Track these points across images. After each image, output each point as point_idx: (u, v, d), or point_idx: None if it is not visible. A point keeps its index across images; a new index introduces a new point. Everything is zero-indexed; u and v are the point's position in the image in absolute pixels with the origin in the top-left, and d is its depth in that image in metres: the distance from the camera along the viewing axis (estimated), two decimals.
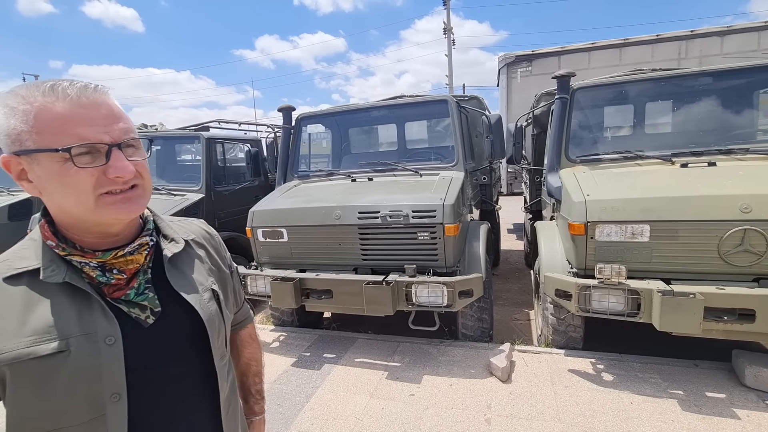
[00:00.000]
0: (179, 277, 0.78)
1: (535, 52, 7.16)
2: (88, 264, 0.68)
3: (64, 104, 0.62)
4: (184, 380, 0.76)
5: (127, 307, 0.70)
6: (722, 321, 2.33)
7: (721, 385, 2.57)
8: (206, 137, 4.78)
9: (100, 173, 0.64)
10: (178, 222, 0.89)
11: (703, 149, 3.02)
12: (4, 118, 0.62)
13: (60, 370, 0.62)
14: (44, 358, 0.61)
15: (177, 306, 0.76)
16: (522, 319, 4.19)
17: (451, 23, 18.72)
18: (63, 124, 0.62)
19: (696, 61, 6.36)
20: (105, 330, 0.66)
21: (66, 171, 0.62)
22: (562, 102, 3.38)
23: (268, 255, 3.46)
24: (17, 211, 5.08)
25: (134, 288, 0.71)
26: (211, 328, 0.78)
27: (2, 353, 0.60)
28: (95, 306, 0.67)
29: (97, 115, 0.64)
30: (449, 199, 2.99)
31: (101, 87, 0.67)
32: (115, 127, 0.66)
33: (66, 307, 0.65)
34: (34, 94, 0.62)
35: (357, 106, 4.40)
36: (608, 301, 2.53)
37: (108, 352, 0.65)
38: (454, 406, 2.55)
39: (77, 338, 0.64)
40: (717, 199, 2.43)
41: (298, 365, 3.17)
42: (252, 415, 1.04)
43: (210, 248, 0.90)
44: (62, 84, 0.63)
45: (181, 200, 4.36)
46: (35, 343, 0.61)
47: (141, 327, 0.71)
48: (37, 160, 0.63)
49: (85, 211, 0.65)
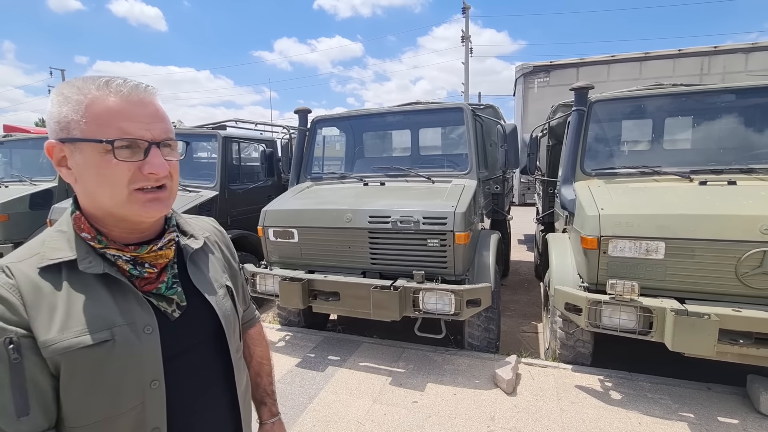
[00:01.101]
0: (198, 273, 0.82)
1: (554, 63, 7.12)
2: (122, 257, 0.70)
3: (115, 99, 0.65)
4: (206, 372, 0.79)
5: (156, 300, 0.73)
6: (738, 344, 2.26)
7: (735, 410, 2.49)
8: (223, 136, 4.86)
9: (136, 168, 0.67)
10: (193, 220, 0.92)
11: (723, 167, 2.95)
12: (57, 105, 0.65)
13: (107, 359, 0.64)
14: (92, 348, 0.63)
15: (197, 301, 0.79)
16: (529, 332, 4.13)
17: (470, 31, 18.72)
18: (110, 117, 0.65)
19: (719, 77, 6.23)
20: (143, 319, 0.69)
21: (106, 162, 0.65)
22: (579, 114, 3.35)
23: (278, 255, 3.49)
24: (38, 200, 5.24)
25: (164, 282, 0.74)
26: (227, 323, 0.81)
27: (54, 344, 0.62)
28: (130, 297, 0.69)
29: (143, 113, 0.67)
30: (461, 207, 2.98)
31: (151, 88, 0.70)
32: (157, 127, 0.69)
33: (105, 298, 0.67)
34: (89, 87, 0.65)
35: (372, 110, 4.43)
36: (619, 317, 2.48)
37: (148, 341, 0.68)
38: (457, 416, 2.52)
39: (121, 327, 0.66)
40: (736, 218, 2.37)
41: (303, 366, 3.18)
42: (271, 416, 1.04)
43: (222, 245, 0.94)
44: (117, 81, 0.67)
45: (195, 197, 4.43)
46: (83, 333, 0.63)
47: (168, 320, 0.74)
48: (80, 148, 0.65)
49: (116, 204, 0.67)
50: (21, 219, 5.06)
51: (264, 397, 1.05)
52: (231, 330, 0.82)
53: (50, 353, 0.61)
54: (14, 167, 6.17)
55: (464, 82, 19.20)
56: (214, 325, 0.80)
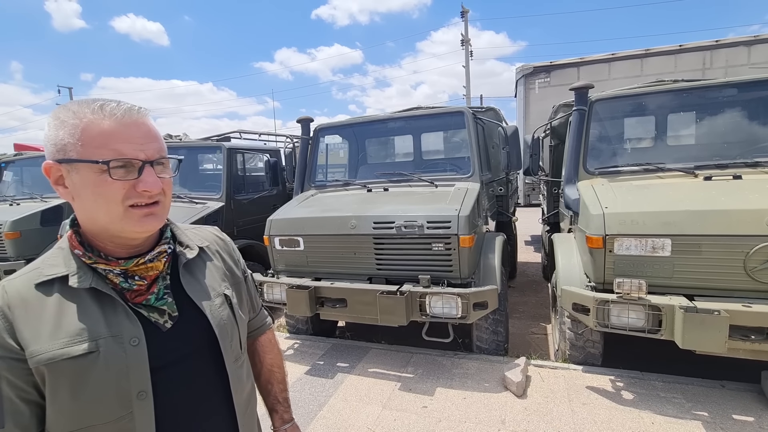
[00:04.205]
0: (193, 282, 0.83)
1: (554, 63, 7.12)
2: (112, 271, 0.73)
3: (109, 122, 0.69)
4: (202, 382, 0.80)
5: (147, 311, 0.75)
6: (749, 340, 2.24)
7: (750, 407, 2.45)
8: (228, 147, 4.92)
9: (130, 186, 0.70)
10: (192, 230, 0.94)
11: (728, 162, 2.93)
12: (54, 129, 0.69)
13: (91, 370, 0.67)
14: (77, 359, 0.66)
15: (192, 311, 0.80)
16: (538, 333, 4.11)
17: (469, 34, 18.80)
18: (106, 139, 0.68)
19: (721, 71, 6.19)
20: (130, 332, 0.71)
21: (102, 181, 0.68)
22: (580, 114, 3.35)
23: (284, 263, 3.52)
24: (49, 216, 5.33)
25: (154, 293, 0.76)
26: (222, 332, 0.82)
27: (39, 354, 0.65)
28: (119, 310, 0.72)
29: (137, 134, 0.71)
30: (464, 211, 2.98)
31: (143, 109, 0.74)
32: (150, 147, 0.72)
33: (94, 311, 0.71)
34: (84, 111, 0.69)
35: (374, 117, 4.47)
36: (628, 316, 2.46)
37: (133, 352, 0.70)
38: (468, 420, 2.51)
39: (105, 339, 0.69)
40: (743, 213, 2.35)
41: (312, 373, 3.19)
42: (283, 423, 1.04)
43: (224, 254, 0.95)
44: (110, 104, 0.71)
45: (202, 208, 4.48)
46: (68, 345, 0.67)
47: (160, 330, 0.75)
48: (76, 168, 0.69)
49: (111, 220, 0.71)
50: (32, 235, 5.15)
51: (275, 404, 1.05)
52: (227, 339, 0.83)
53: (35, 363, 0.65)
54: (25, 185, 6.30)
55: (465, 86, 19.25)
56: (209, 335, 0.81)
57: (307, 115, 4.37)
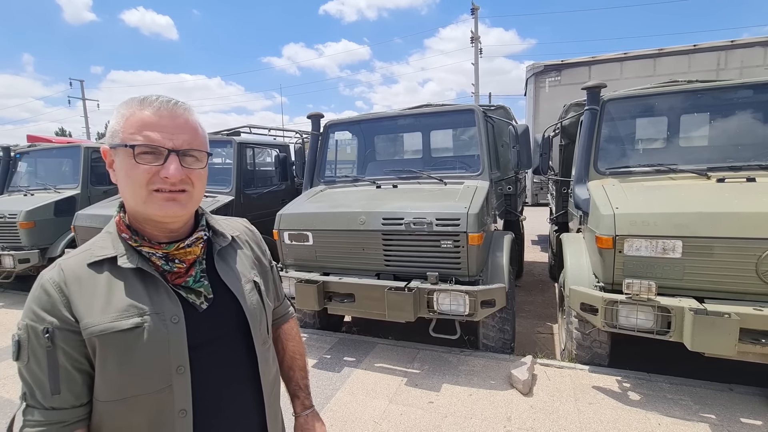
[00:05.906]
0: (226, 268, 0.88)
1: (565, 62, 7.06)
2: (155, 254, 0.79)
3: (147, 112, 0.75)
4: (232, 363, 0.85)
5: (185, 292, 0.80)
6: (760, 344, 2.22)
7: (758, 411, 2.44)
8: (238, 142, 4.96)
9: (155, 172, 0.74)
10: (224, 220, 0.99)
11: (741, 164, 2.91)
12: (113, 119, 0.78)
13: (136, 343, 0.73)
14: (125, 332, 0.72)
15: (226, 295, 0.85)
16: (545, 333, 4.11)
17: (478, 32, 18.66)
18: (140, 127, 0.74)
19: (736, 72, 6.10)
20: (171, 310, 0.77)
21: (131, 164, 0.74)
22: (592, 113, 3.33)
23: (293, 257, 3.55)
24: (62, 207, 5.42)
25: (192, 276, 0.82)
26: (252, 316, 0.87)
27: (92, 326, 0.71)
28: (161, 290, 0.78)
29: (169, 124, 0.76)
30: (473, 208, 2.99)
31: (182, 103, 0.79)
32: (180, 137, 0.76)
33: (139, 289, 0.76)
34: (133, 103, 0.77)
35: (383, 114, 4.47)
36: (636, 317, 2.46)
37: (174, 329, 0.76)
38: (474, 416, 2.53)
39: (150, 316, 0.75)
40: (756, 216, 2.33)
41: (319, 367, 3.22)
42: (304, 409, 1.08)
43: (252, 244, 1.00)
44: (151, 97, 0.77)
45: (212, 202, 4.54)
46: (118, 319, 0.72)
47: (196, 311, 0.80)
48: (118, 153, 0.76)
49: (136, 202, 0.76)
50: (46, 226, 5.24)
51: (297, 390, 1.09)
52: (257, 323, 0.88)
53: (88, 334, 0.71)
54: (38, 176, 6.40)
55: (474, 83, 19.14)
56: (239, 318, 0.86)
57: (317, 111, 4.39)
